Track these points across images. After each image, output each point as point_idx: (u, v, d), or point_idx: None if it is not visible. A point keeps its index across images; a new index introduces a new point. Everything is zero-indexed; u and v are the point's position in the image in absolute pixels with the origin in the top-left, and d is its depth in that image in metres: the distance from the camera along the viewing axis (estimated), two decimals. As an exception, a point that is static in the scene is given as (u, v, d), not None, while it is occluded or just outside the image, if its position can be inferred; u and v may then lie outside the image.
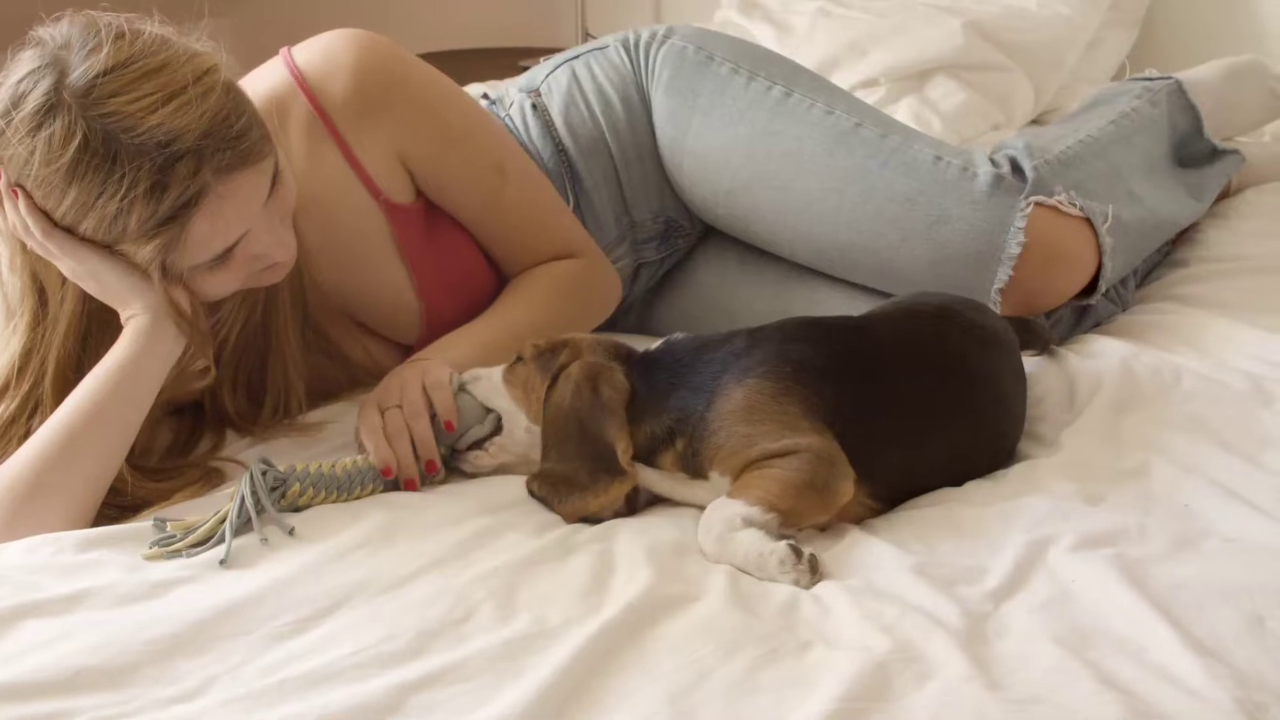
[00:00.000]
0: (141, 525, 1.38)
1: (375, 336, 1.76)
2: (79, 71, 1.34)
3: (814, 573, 1.27)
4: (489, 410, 1.50)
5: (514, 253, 1.75)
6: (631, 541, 1.33)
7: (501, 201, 1.73)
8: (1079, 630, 1.15)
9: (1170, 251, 2.07)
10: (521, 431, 1.48)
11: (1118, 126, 1.93)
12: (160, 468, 1.56)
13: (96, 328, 1.50)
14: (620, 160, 1.88)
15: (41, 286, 1.49)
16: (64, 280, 1.47)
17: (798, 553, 1.27)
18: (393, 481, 1.46)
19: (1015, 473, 1.45)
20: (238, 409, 1.64)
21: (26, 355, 1.49)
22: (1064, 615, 1.17)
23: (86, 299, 1.48)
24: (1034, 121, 2.80)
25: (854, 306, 1.79)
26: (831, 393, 1.38)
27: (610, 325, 1.95)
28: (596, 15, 3.90)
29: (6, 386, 1.49)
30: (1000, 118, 2.72)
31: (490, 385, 1.50)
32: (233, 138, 1.37)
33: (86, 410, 1.42)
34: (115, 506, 1.47)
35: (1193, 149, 2.06)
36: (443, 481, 1.50)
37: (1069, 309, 1.82)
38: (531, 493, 1.43)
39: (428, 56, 1.75)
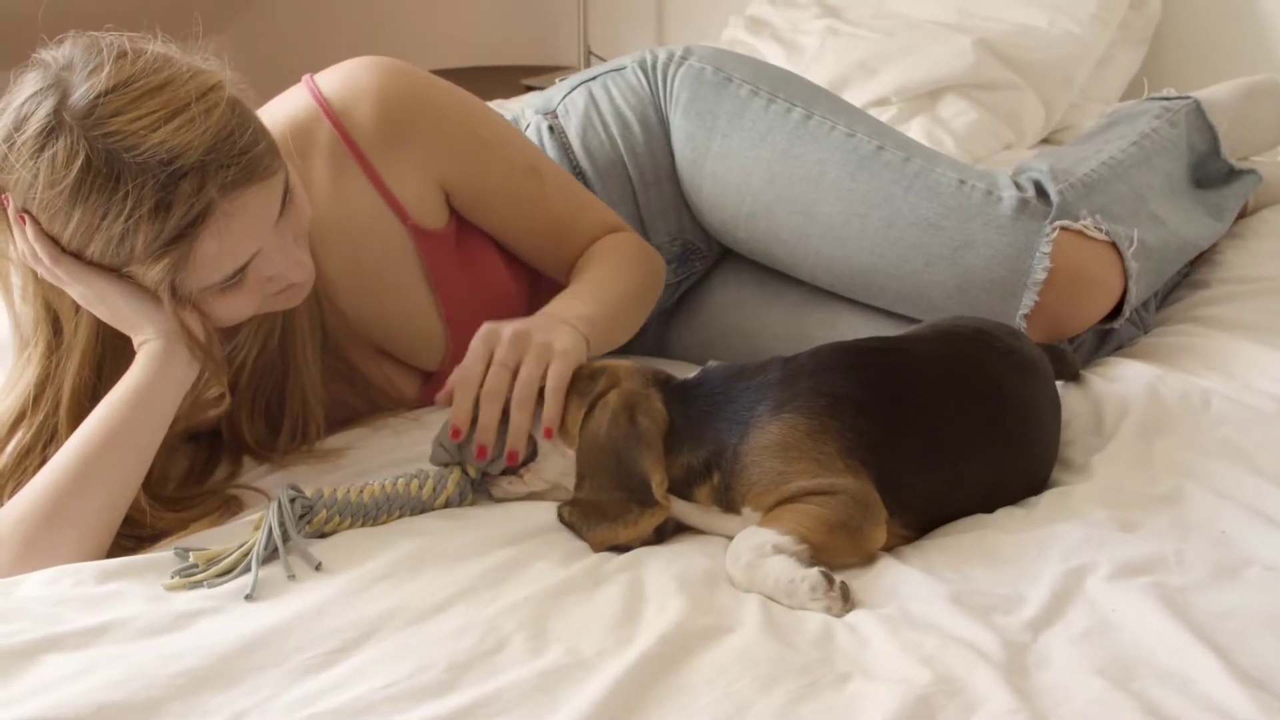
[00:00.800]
0: (162, 555, 1.36)
1: (396, 362, 1.74)
2: (80, 92, 1.33)
3: (846, 600, 1.26)
4: None
5: (561, 249, 1.73)
6: (661, 570, 1.31)
7: (543, 200, 1.72)
8: (1121, 661, 1.13)
9: (1190, 272, 2.06)
10: (556, 456, 1.45)
11: (1139, 148, 1.92)
12: (178, 496, 1.54)
13: (111, 355, 1.49)
14: (638, 182, 1.87)
15: (55, 315, 1.47)
16: (77, 308, 1.45)
17: (829, 580, 1.26)
18: (420, 506, 1.44)
19: (1047, 499, 1.43)
20: (255, 435, 1.62)
21: (41, 384, 1.47)
22: (1105, 645, 1.16)
23: (100, 326, 1.46)
24: (1045, 140, 2.80)
25: (875, 330, 1.78)
26: (867, 426, 1.36)
27: (625, 347, 1.93)
28: (599, 33, 3.89)
29: (22, 416, 1.48)
30: (1011, 136, 2.72)
31: None
32: (237, 154, 1.36)
33: (100, 438, 1.41)
34: (133, 537, 1.45)
35: (1210, 169, 2.05)
36: (471, 504, 1.48)
37: (1092, 332, 1.81)
38: (561, 518, 1.41)
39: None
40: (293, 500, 1.37)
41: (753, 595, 1.27)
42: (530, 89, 3.64)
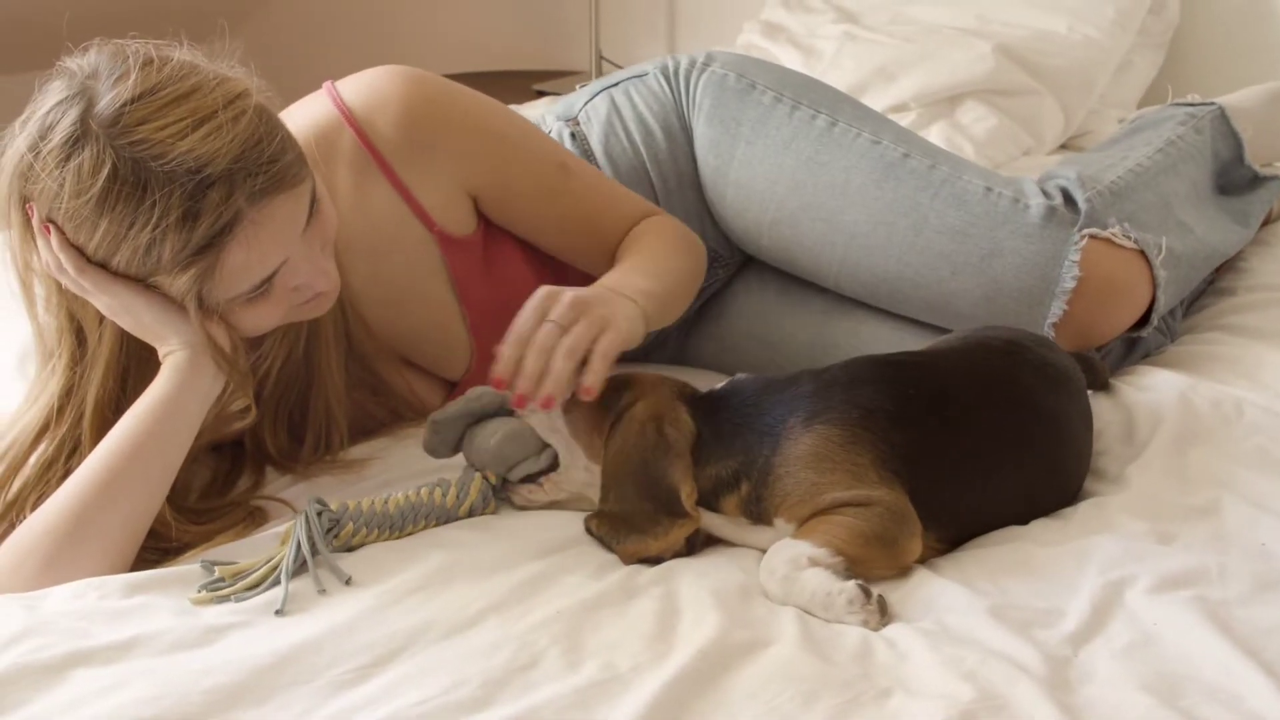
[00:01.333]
0: (188, 568, 1.35)
1: (420, 371, 1.73)
2: (106, 100, 1.31)
3: (883, 614, 1.25)
4: (545, 444, 1.46)
5: (595, 243, 1.72)
6: (695, 584, 1.29)
7: (572, 195, 1.71)
8: (1167, 677, 1.12)
9: (1215, 280, 2.04)
10: (579, 470, 1.44)
11: (1165, 155, 1.90)
12: (203, 508, 1.52)
13: (135, 366, 1.47)
14: (661, 190, 1.86)
15: (79, 326, 1.46)
16: (101, 319, 1.44)
17: (866, 593, 1.25)
18: (445, 514, 1.43)
19: (1082, 510, 1.41)
20: (278, 446, 1.61)
21: (65, 396, 1.46)
22: (1149, 661, 1.14)
23: (125, 337, 1.45)
24: (1064, 146, 2.78)
25: (899, 339, 1.77)
26: (900, 438, 1.35)
27: (645, 357, 1.92)
28: (610, 38, 3.88)
29: (45, 427, 1.46)
30: (1030, 142, 2.71)
31: (548, 419, 1.46)
32: (265, 162, 1.34)
33: (124, 450, 1.39)
34: (157, 550, 1.44)
35: (1234, 176, 2.04)
36: (493, 513, 1.47)
37: (1119, 340, 1.79)
38: (589, 531, 1.40)
39: (441, 79, 1.73)
40: (319, 514, 1.36)
41: (788, 608, 1.26)
42: (542, 94, 3.63)
